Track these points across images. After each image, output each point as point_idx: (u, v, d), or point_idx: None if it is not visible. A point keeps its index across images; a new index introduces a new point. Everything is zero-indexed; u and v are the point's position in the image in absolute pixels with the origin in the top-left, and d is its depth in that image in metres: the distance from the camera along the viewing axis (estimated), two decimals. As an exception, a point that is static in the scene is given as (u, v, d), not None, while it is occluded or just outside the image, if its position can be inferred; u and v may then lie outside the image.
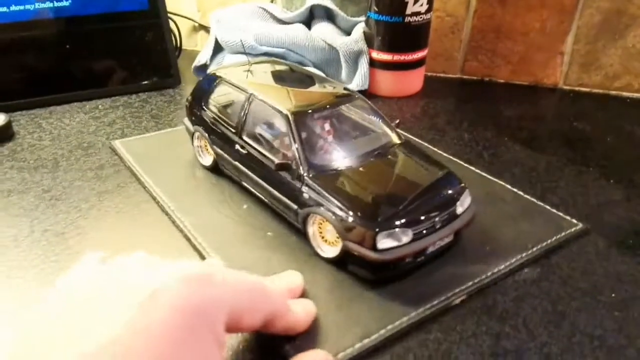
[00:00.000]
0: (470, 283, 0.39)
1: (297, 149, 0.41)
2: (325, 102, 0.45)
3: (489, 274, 0.40)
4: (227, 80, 0.49)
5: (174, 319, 0.24)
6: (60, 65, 0.69)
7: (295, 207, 0.42)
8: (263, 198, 0.46)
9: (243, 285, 0.30)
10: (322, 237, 0.41)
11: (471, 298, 0.38)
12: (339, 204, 0.38)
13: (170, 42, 0.74)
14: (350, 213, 0.37)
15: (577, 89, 0.79)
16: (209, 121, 0.50)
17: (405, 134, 0.62)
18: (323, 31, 0.75)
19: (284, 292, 0.36)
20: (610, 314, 0.37)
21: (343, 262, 0.39)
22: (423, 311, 0.36)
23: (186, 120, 0.54)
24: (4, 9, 0.65)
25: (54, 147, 0.58)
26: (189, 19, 0.87)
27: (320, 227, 0.41)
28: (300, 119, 0.43)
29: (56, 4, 0.67)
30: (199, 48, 0.90)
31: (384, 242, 0.37)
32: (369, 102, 0.47)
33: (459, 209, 0.41)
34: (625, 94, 0.77)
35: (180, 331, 0.24)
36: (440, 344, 0.34)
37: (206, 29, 0.88)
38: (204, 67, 0.76)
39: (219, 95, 0.50)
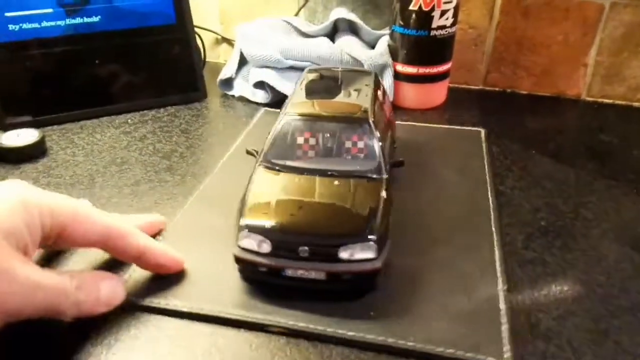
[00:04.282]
0: (302, 325, 0.37)
1: (268, 140, 0.46)
2: (336, 116, 0.46)
3: (322, 328, 0.37)
4: (301, 79, 0.54)
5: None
6: (90, 79, 0.70)
7: None
8: None
9: (67, 201, 0.37)
10: None
11: (514, 315, 0.39)
12: (245, 195, 0.42)
13: (197, 56, 0.75)
14: (244, 206, 0.41)
15: (600, 100, 0.79)
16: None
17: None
18: (347, 44, 0.75)
19: (124, 222, 0.40)
20: (653, 332, 0.38)
21: None
22: (238, 314, 0.38)
23: None
24: (36, 25, 0.66)
25: (88, 162, 0.59)
26: (213, 32, 0.88)
27: None
28: (294, 121, 0.46)
29: (86, 20, 0.68)
30: (222, 60, 0.91)
31: (244, 241, 0.39)
32: (377, 132, 0.46)
33: (343, 255, 0.38)
34: (648, 105, 0.77)
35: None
36: (488, 364, 0.35)
37: (229, 41, 0.89)
38: (229, 80, 0.77)
39: (295, 90, 0.54)
